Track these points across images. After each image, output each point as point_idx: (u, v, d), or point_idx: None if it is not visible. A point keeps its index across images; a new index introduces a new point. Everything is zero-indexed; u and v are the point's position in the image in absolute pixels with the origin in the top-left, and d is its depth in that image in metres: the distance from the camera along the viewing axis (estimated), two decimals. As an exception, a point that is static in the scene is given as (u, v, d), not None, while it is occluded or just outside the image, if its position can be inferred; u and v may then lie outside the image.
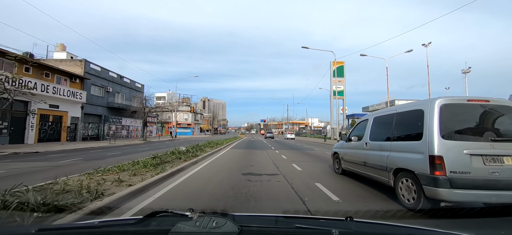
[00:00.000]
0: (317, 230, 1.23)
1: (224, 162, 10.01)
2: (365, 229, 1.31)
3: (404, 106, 4.38)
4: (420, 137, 3.57)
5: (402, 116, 4.25)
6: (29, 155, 11.77)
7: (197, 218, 1.09)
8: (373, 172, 4.72)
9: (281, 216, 1.41)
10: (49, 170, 7.32)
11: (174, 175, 6.13)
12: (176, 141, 31.17)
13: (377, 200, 4.19)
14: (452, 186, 3.10)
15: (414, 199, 3.53)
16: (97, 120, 27.34)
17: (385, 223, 1.47)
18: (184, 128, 68.48)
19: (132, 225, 1.20)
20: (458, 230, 1.89)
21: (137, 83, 35.69)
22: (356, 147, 5.58)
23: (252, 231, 1.13)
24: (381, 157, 4.43)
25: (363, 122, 5.67)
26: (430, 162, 3.30)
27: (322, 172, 7.08)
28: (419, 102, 3.95)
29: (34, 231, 1.06)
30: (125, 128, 32.42)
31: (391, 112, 4.60)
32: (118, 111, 29.83)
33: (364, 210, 3.69)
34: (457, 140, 3.29)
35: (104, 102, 28.21)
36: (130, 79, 33.90)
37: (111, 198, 3.66)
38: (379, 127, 4.89)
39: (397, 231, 1.32)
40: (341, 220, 1.33)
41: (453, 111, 3.45)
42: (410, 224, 1.31)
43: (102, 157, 11.24)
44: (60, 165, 8.66)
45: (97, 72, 26.81)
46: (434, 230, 1.24)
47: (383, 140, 4.56)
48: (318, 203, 3.98)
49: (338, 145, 6.94)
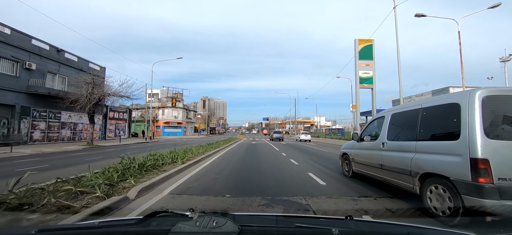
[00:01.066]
0: (317, 229, 1.23)
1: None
2: (365, 228, 1.34)
3: (431, 100, 3.76)
4: (456, 136, 3.02)
5: (430, 112, 3.62)
6: None
7: (197, 218, 1.10)
8: (392, 176, 4.15)
9: (282, 215, 1.51)
10: None
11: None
12: (146, 145, 21.16)
13: None
14: (503, 197, 2.59)
15: (450, 210, 2.95)
16: (6, 112, 17.29)
17: (385, 222, 1.57)
18: (173, 127, 58.34)
19: (132, 225, 1.21)
20: (458, 228, 1.67)
21: (92, 64, 25.07)
22: (370, 148, 5.05)
23: (253, 230, 1.13)
24: (402, 159, 3.86)
25: (378, 119, 5.11)
26: (471, 166, 2.78)
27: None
28: (453, 95, 3.34)
29: (34, 232, 1.07)
30: (68, 126, 22.32)
31: (415, 107, 3.95)
32: (51, 101, 19.67)
33: (364, 209, 3.57)
34: (506, 139, 2.77)
35: (21, 85, 18.04)
36: (78, 57, 23.59)
37: None
38: (400, 124, 4.30)
39: (397, 230, 1.33)
40: (341, 219, 1.34)
41: (498, 104, 2.92)
42: (410, 223, 1.33)
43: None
44: None
45: (3, 37, 16.78)
46: (434, 229, 1.28)
47: (405, 139, 3.98)
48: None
49: (347, 145, 6.37)
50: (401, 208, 3.52)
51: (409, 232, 1.18)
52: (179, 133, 58.89)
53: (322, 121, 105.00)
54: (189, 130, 65.12)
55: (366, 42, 32.93)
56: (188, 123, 64.60)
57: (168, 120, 57.32)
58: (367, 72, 31.98)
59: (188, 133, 64.02)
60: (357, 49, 32.60)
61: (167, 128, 57.44)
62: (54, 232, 1.26)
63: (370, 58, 32.48)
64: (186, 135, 61.12)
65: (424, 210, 3.18)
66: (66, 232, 1.28)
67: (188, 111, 64.29)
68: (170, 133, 57.00)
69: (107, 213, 3.22)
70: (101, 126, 26.87)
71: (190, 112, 66.45)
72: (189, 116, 65.24)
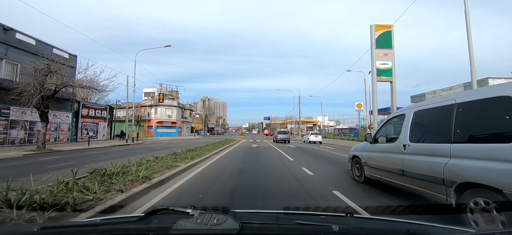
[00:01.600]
0: (318, 226, 1.21)
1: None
2: (365, 225, 1.33)
3: (469, 94, 3.10)
4: (509, 138, 2.38)
5: (468, 108, 2.98)
6: None
7: (198, 215, 1.10)
8: (417, 184, 3.58)
9: (282, 212, 1.48)
10: None
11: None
12: (116, 150, 16.80)
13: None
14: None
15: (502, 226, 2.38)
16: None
17: (384, 219, 1.50)
18: (167, 127, 53.87)
19: (134, 223, 1.22)
20: (458, 225, 1.37)
21: (58, 50, 20.26)
22: (387, 150, 4.49)
23: (253, 227, 1.12)
24: (432, 164, 3.28)
25: (396, 117, 4.53)
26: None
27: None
28: (500, 87, 2.68)
29: (36, 230, 1.08)
30: (21, 125, 17.85)
31: (446, 103, 3.32)
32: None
33: (364, 206, 3.53)
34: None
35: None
36: (36, 40, 19.02)
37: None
38: (426, 123, 3.75)
39: (396, 226, 1.31)
40: (341, 216, 1.35)
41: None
42: (409, 220, 1.31)
43: None
44: None
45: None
46: (434, 225, 1.24)
47: (434, 141, 3.41)
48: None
49: (358, 147, 5.83)
50: (402, 205, 3.40)
51: (409, 229, 1.15)
52: (173, 133, 54.46)
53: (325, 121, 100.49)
54: (185, 130, 60.71)
55: (384, 28, 28.60)
56: (184, 122, 60.20)
57: (161, 119, 52.91)
58: (385, 63, 27.79)
59: (184, 133, 59.59)
60: (374, 36, 28.43)
61: (160, 128, 53.03)
62: (57, 229, 1.25)
63: (389, 46, 28.26)
64: (182, 135, 56.68)
65: (424, 206, 3.04)
66: (68, 229, 1.30)
67: (183, 110, 59.86)
68: (163, 133, 52.57)
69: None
70: (70, 126, 22.43)
71: (186, 111, 62.00)
72: (185, 115, 60.79)
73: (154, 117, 53.05)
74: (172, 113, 54.40)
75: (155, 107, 53.33)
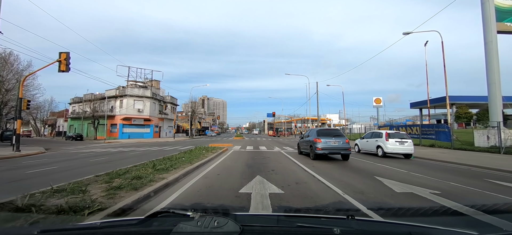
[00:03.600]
0: (319, 229, 1.20)
1: None
2: (367, 227, 1.31)
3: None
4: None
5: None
6: None
7: (199, 218, 1.09)
8: None
9: (283, 215, 1.42)
10: None
11: None
12: None
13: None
14: None
15: None
16: None
17: (386, 221, 1.54)
18: (138, 125, 39.50)
19: (134, 226, 1.20)
20: (460, 227, 1.34)
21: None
22: None
23: (254, 230, 1.11)
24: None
25: None
26: None
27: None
28: None
29: (36, 233, 1.06)
30: None
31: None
32: None
33: (366, 207, 3.55)
34: None
35: None
36: None
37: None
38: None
39: (398, 229, 1.30)
40: (342, 219, 1.33)
41: None
42: (411, 222, 1.30)
43: None
44: None
45: None
46: (435, 228, 1.22)
47: None
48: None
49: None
50: (403, 207, 3.31)
51: (411, 231, 1.16)
52: (147, 134, 40.29)
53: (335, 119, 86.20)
54: (165, 129, 46.43)
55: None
56: (163, 120, 45.92)
57: (128, 114, 38.61)
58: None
59: (164, 133, 45.48)
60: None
61: (127, 126, 38.81)
62: (56, 233, 1.24)
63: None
64: (159, 137, 42.54)
65: (426, 209, 3.01)
66: (68, 232, 1.27)
67: (161, 103, 45.42)
68: (132, 134, 38.45)
69: None
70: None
71: (167, 105, 47.58)
72: (165, 111, 46.43)
73: (119, 112, 38.78)
74: (144, 107, 40.07)
75: (120, 98, 39.13)
